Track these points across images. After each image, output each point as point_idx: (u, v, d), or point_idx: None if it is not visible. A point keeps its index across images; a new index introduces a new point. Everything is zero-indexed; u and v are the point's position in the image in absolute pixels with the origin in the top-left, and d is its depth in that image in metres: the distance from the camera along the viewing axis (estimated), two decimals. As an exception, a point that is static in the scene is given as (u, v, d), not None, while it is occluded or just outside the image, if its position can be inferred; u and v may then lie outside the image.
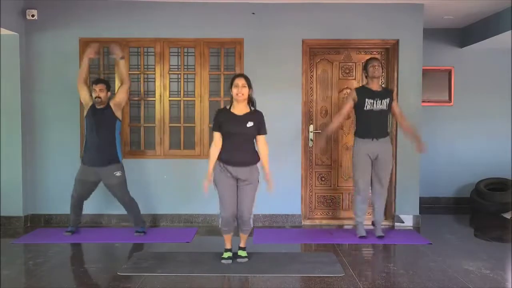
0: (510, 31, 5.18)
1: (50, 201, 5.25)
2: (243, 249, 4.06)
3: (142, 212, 5.10)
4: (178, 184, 5.26)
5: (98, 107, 4.61)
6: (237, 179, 3.89)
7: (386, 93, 4.67)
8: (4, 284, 3.45)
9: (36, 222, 5.25)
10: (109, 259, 4.28)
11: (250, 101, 3.94)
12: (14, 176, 5.13)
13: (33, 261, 4.01)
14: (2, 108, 5.12)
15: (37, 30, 5.17)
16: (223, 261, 3.96)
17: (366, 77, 4.68)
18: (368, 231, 4.78)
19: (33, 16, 5.08)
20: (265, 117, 3.97)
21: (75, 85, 5.05)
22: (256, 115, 3.90)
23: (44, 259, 4.04)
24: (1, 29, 4.78)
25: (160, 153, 5.29)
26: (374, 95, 4.58)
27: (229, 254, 4.01)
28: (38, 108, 5.21)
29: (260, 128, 3.91)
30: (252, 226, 4.02)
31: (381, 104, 4.57)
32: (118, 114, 4.68)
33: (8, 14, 4.83)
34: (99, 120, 4.58)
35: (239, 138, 3.85)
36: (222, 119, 3.87)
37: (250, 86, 3.88)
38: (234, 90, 3.83)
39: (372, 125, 4.60)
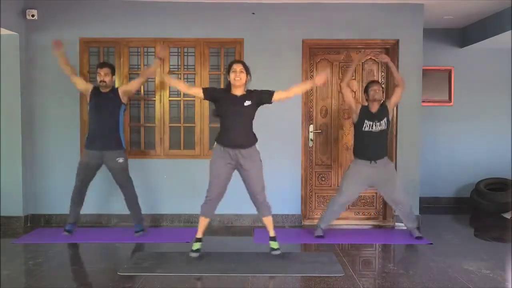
0: (510, 31, 5.18)
1: (50, 201, 5.25)
2: (274, 239, 4.03)
3: (142, 212, 5.11)
4: (178, 184, 5.26)
5: (102, 90, 4.60)
6: (235, 165, 3.91)
7: (383, 111, 4.62)
8: (4, 284, 3.45)
9: (36, 222, 5.25)
10: (109, 259, 4.28)
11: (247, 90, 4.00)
12: (14, 176, 5.13)
13: (33, 261, 4.01)
14: (2, 108, 5.12)
15: (37, 30, 5.17)
16: (191, 254, 3.93)
17: (366, 100, 4.67)
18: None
19: (33, 16, 5.08)
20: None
21: (75, 85, 5.07)
22: (251, 94, 3.95)
23: (44, 259, 4.04)
24: (1, 29, 4.78)
25: (160, 153, 5.29)
26: (373, 117, 4.58)
27: (198, 245, 3.98)
28: (38, 108, 5.21)
29: (264, 97, 3.95)
30: (270, 206, 4.02)
31: (380, 125, 4.58)
32: (125, 100, 4.68)
33: (8, 14, 4.83)
34: (104, 104, 4.57)
35: (237, 117, 3.88)
36: (221, 99, 3.92)
37: (248, 73, 3.93)
38: (232, 75, 3.87)
39: (371, 146, 4.60)
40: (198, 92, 4.01)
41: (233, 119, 3.89)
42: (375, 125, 4.57)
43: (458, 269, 3.81)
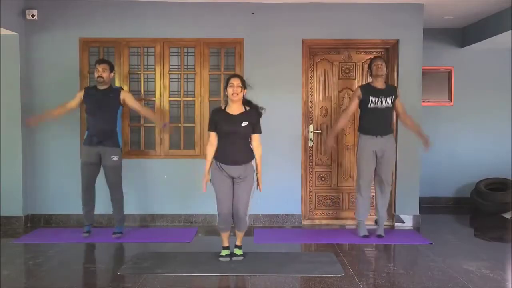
0: (510, 31, 5.18)
1: (50, 201, 5.24)
2: (239, 247, 4.09)
3: (142, 212, 5.14)
4: (178, 184, 5.26)
5: (100, 87, 4.60)
6: (232, 178, 3.93)
7: (391, 90, 4.68)
8: (4, 284, 3.45)
9: (36, 222, 5.24)
10: (109, 259, 4.27)
11: (245, 101, 3.98)
12: (14, 176, 5.12)
13: (33, 261, 4.01)
14: (2, 108, 5.12)
15: (37, 30, 5.17)
16: (221, 258, 3.99)
17: (370, 75, 4.70)
18: (370, 231, 4.78)
19: (33, 16, 5.08)
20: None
21: (75, 85, 5.08)
22: (250, 115, 3.93)
23: (44, 259, 4.04)
24: (1, 29, 4.78)
25: (160, 153, 5.29)
26: (378, 93, 4.60)
27: (227, 252, 4.04)
28: (38, 108, 5.19)
29: (255, 128, 3.95)
30: (248, 224, 4.04)
31: (386, 102, 4.60)
32: (124, 103, 4.69)
33: (8, 14, 4.83)
34: (101, 100, 4.57)
35: (234, 137, 3.89)
36: (218, 119, 3.93)
37: (244, 87, 3.94)
38: (230, 90, 3.88)
39: (377, 122, 4.62)
40: (213, 136, 3.98)
41: (230, 139, 3.90)
42: (381, 101, 4.58)
43: (458, 269, 3.81)
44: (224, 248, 4.07)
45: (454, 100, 6.41)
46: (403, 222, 5.29)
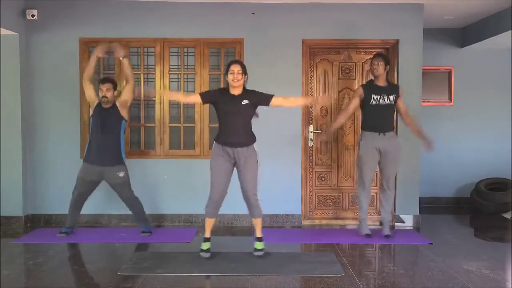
0: (510, 31, 5.18)
1: (50, 201, 5.25)
2: (260, 239, 4.07)
3: (142, 212, 5.12)
4: (178, 184, 5.26)
5: (104, 106, 4.60)
6: (235, 163, 3.94)
7: (393, 88, 4.68)
8: (4, 284, 3.45)
9: (36, 222, 5.25)
10: (109, 259, 4.28)
11: (245, 89, 4.03)
12: (14, 176, 5.12)
13: (33, 261, 4.01)
14: (2, 108, 5.11)
15: (37, 30, 5.17)
16: (201, 253, 3.97)
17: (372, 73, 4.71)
18: (373, 230, 4.78)
19: (33, 16, 5.08)
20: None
21: (75, 85, 5.08)
22: (249, 93, 3.98)
23: (44, 259, 4.04)
24: (1, 29, 4.78)
25: (160, 153, 5.29)
26: (380, 90, 4.60)
27: (207, 245, 4.02)
28: (38, 108, 5.21)
29: (262, 99, 3.98)
30: (261, 209, 4.05)
31: (387, 100, 4.60)
32: (124, 113, 4.67)
33: (8, 14, 4.83)
34: (105, 119, 4.58)
35: (235, 117, 3.92)
36: (219, 99, 3.96)
37: (245, 73, 3.97)
38: (230, 76, 3.91)
39: (379, 119, 4.62)
40: (196, 99, 4.11)
41: (231, 118, 3.93)
42: (382, 99, 4.58)
43: (458, 269, 3.81)
44: (206, 240, 4.04)
45: (454, 100, 6.41)
46: (403, 222, 5.29)
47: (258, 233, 4.10)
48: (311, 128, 5.39)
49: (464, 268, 3.84)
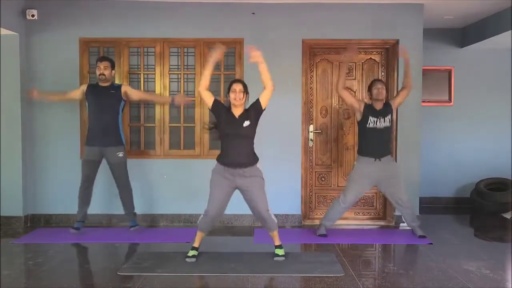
0: (510, 31, 5.18)
1: (50, 201, 5.24)
2: (280, 247, 4.09)
3: (142, 212, 5.12)
4: (178, 184, 5.26)
5: (102, 84, 4.66)
6: (236, 187, 3.93)
7: (387, 109, 4.66)
8: (4, 284, 3.45)
9: (36, 222, 5.24)
10: (109, 259, 4.27)
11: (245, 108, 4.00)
12: (14, 176, 5.12)
13: (33, 261, 4.01)
14: (2, 108, 5.11)
15: (37, 30, 5.17)
16: (187, 259, 3.97)
17: (370, 98, 4.69)
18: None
19: (33, 16, 5.08)
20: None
21: (75, 85, 5.07)
22: (249, 111, 3.93)
23: (44, 259, 4.04)
24: (1, 29, 4.78)
25: (160, 153, 5.29)
26: (377, 113, 4.60)
27: (194, 252, 4.02)
28: (38, 108, 5.20)
29: (257, 108, 3.90)
30: (275, 221, 4.05)
31: (384, 122, 4.60)
32: (124, 97, 4.77)
33: (8, 14, 4.83)
34: (103, 99, 4.64)
35: (236, 139, 3.89)
36: (222, 118, 3.91)
37: (246, 92, 3.94)
38: (232, 95, 3.89)
39: (375, 143, 4.61)
40: (210, 98, 3.93)
41: (233, 141, 3.89)
42: (379, 122, 4.58)
43: (458, 269, 3.81)
44: (193, 248, 4.04)
45: (454, 100, 6.41)
46: (403, 222, 5.29)
47: (277, 242, 4.11)
48: (311, 128, 5.39)
49: (464, 268, 3.84)
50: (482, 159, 6.40)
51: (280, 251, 4.06)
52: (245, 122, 3.88)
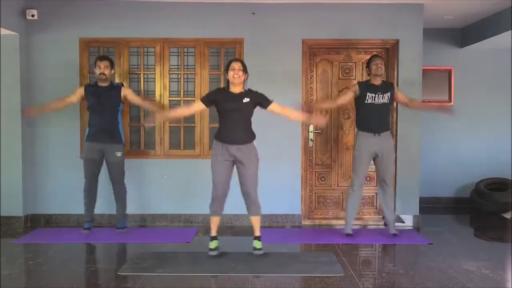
0: (510, 31, 5.18)
1: (50, 201, 5.25)
2: (258, 238, 4.07)
3: (142, 212, 5.13)
4: (178, 184, 5.26)
5: (101, 84, 4.68)
6: (234, 161, 3.96)
7: (387, 86, 4.68)
8: (4, 284, 3.45)
9: (36, 222, 5.24)
10: (109, 259, 4.27)
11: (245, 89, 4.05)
12: (14, 176, 5.12)
13: (33, 261, 4.01)
14: (2, 108, 5.11)
15: (37, 30, 5.17)
16: (210, 252, 3.98)
17: (368, 74, 4.70)
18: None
19: (33, 16, 5.08)
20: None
21: (75, 85, 5.08)
22: (251, 93, 4.01)
23: (44, 259, 4.04)
24: (1, 29, 4.78)
25: (160, 153, 5.29)
26: (375, 89, 4.60)
27: (215, 244, 4.03)
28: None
29: (262, 101, 4.00)
30: (260, 206, 4.07)
31: (382, 98, 4.60)
32: (123, 100, 4.79)
33: (8, 14, 4.83)
34: (103, 99, 4.66)
35: (235, 114, 3.93)
36: (218, 98, 3.96)
37: (245, 71, 3.98)
38: (231, 73, 3.93)
39: (374, 118, 4.62)
40: (198, 106, 4.07)
41: (231, 116, 3.94)
42: (378, 97, 4.58)
43: (458, 269, 3.81)
44: (213, 238, 4.06)
45: (454, 100, 6.41)
46: (403, 222, 5.29)
47: (257, 232, 4.11)
48: (311, 128, 5.39)
49: (464, 268, 3.84)
50: (482, 159, 6.40)
51: (258, 244, 4.05)
52: (245, 98, 3.93)
